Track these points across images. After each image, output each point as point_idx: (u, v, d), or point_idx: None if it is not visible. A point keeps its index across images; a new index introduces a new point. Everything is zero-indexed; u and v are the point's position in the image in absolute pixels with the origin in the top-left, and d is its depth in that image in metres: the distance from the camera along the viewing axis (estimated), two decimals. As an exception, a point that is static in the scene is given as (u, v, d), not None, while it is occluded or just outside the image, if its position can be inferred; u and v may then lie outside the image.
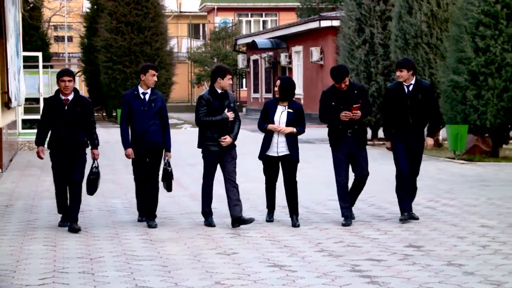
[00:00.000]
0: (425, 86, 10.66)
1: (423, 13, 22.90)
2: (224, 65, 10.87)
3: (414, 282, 7.42)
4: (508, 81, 18.71)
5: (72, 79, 10.10)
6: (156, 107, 10.39)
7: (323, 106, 10.47)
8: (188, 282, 7.51)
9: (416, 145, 10.55)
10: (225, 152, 10.21)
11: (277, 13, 62.58)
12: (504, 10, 18.88)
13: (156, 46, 38.02)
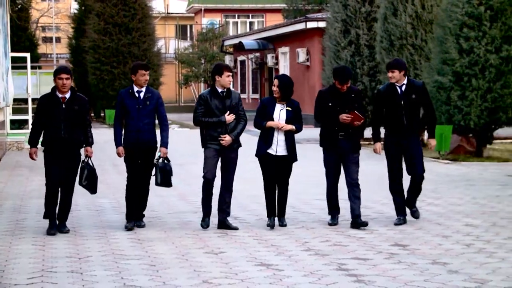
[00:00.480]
0: (417, 86, 10.41)
1: (408, 14, 22.95)
2: (222, 62, 10.88)
3: (399, 281, 7.44)
4: (491, 82, 18.78)
5: (69, 76, 9.80)
6: (151, 106, 10.16)
7: (319, 106, 10.23)
8: (176, 281, 7.51)
9: (411, 146, 10.26)
10: (226, 153, 9.97)
11: (264, 14, 62.57)
12: (487, 12, 18.95)
13: (143, 47, 38.01)
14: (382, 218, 10.84)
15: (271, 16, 60.05)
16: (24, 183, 15.44)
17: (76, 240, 9.59)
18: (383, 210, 11.51)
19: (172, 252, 8.79)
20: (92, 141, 10.06)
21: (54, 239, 9.61)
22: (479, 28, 19.03)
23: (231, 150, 9.99)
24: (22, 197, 13.45)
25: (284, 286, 7.29)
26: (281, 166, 10.12)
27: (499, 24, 18.97)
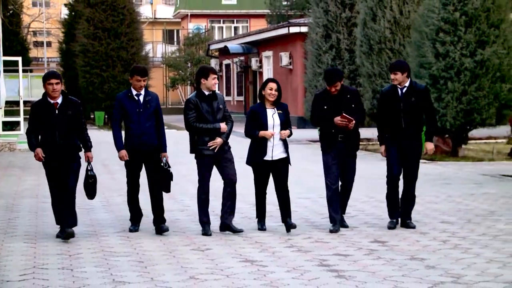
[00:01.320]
0: (419, 89, 9.89)
1: (386, 20, 23.02)
2: (207, 65, 10.20)
3: (378, 276, 7.46)
4: (466, 84, 18.86)
5: (59, 81, 9.15)
6: (152, 108, 9.63)
7: (315, 109, 9.81)
8: (163, 277, 7.50)
9: (409, 150, 9.78)
10: (220, 155, 9.42)
11: (248, 19, 62.60)
12: (462, 17, 19.03)
13: (132, 51, 37.97)
14: (362, 215, 10.86)
15: (255, 21, 60.10)
16: (16, 182, 15.37)
17: (66, 238, 9.56)
18: (363, 208, 11.54)
19: (160, 249, 8.78)
20: (91, 145, 9.48)
21: (45, 237, 9.57)
22: (455, 33, 19.11)
23: (225, 152, 9.49)
24: (14, 197, 13.39)
25: (267, 281, 7.29)
26: (278, 169, 9.62)
27: (473, 29, 19.05)
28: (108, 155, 20.00)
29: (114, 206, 12.07)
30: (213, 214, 10.09)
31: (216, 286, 7.14)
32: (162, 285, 7.20)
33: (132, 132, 9.58)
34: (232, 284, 7.20)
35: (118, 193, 13.51)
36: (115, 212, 11.48)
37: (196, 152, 9.46)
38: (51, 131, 9.14)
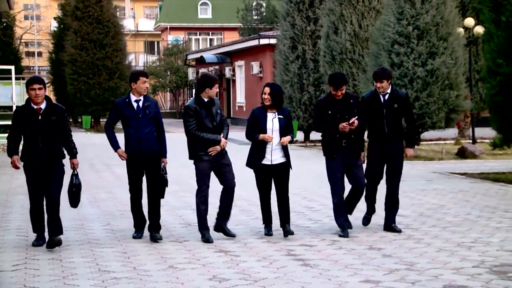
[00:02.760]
0: (401, 96, 9.21)
1: (347, 33, 23.14)
2: (211, 74, 9.11)
3: (340, 264, 7.48)
4: (418, 91, 19.01)
5: (42, 86, 8.17)
6: (151, 114, 8.69)
7: (319, 115, 8.91)
8: (145, 266, 7.46)
9: (392, 155, 9.12)
10: (218, 160, 8.59)
11: (222, 32, 62.60)
12: (415, 31, 19.20)
13: (116, 61, 37.94)
14: (325, 209, 10.88)
15: (229, 33, 60.13)
16: (9, 180, 15.23)
17: (56, 231, 9.49)
18: (326, 203, 11.55)
19: (142, 241, 8.74)
20: (76, 152, 8.48)
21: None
22: (408, 45, 19.26)
23: (223, 157, 8.64)
24: (7, 193, 13.28)
25: (240, 269, 7.28)
26: (278, 174, 8.79)
27: (424, 41, 19.22)
28: (94, 156, 19.91)
29: (100, 202, 12.00)
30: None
31: (192, 274, 7.12)
32: (143, 273, 7.17)
33: (130, 138, 8.67)
34: (208, 272, 7.18)
35: (104, 190, 13.44)
36: (101, 207, 11.41)
37: (195, 158, 8.64)
38: (34, 136, 8.16)
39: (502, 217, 10.30)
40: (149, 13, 71.80)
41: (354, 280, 6.83)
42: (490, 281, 6.78)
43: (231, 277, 6.98)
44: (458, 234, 9.03)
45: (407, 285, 6.65)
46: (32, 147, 8.20)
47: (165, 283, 6.81)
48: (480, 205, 11.35)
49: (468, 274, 7.04)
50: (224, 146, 8.59)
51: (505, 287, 6.56)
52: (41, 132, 8.15)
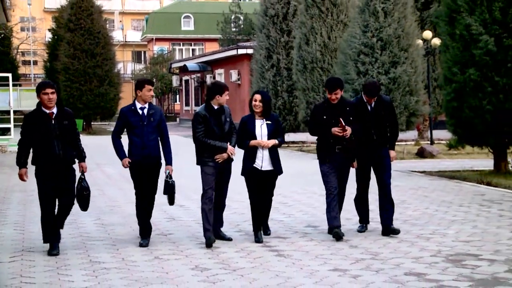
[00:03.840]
0: (386, 102, 8.60)
1: (317, 44, 23.20)
2: (221, 82, 8.53)
3: (311, 254, 7.50)
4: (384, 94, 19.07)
5: (54, 90, 7.54)
6: (155, 122, 8.08)
7: (314, 119, 8.40)
8: (132, 257, 7.44)
9: (380, 159, 8.55)
10: (223, 167, 8.07)
11: (203, 43, 62.52)
12: (378, 42, 19.27)
13: (106, 69, 37.82)
14: (298, 205, 10.90)
15: (209, 44, 60.06)
16: (7, 179, 15.09)
17: (50, 226, 9.42)
18: (299, 199, 11.59)
19: (130, 235, 8.70)
20: (85, 156, 7.90)
21: (32, 225, 9.41)
22: (372, 54, 19.34)
23: (227, 163, 8.12)
24: (5, 191, 13.16)
25: (220, 260, 7.27)
26: (266, 180, 8.26)
27: (387, 51, 19.30)
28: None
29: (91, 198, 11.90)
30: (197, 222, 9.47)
31: (176, 264, 7.10)
32: (131, 264, 7.14)
33: (135, 145, 8.04)
34: (190, 262, 7.17)
35: (95, 187, 13.34)
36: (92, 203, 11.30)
37: (202, 163, 8.08)
38: (49, 141, 7.45)
39: (457, 211, 10.38)
40: (136, 25, 71.53)
41: (324, 269, 6.85)
42: (446, 269, 6.84)
43: (212, 267, 6.97)
44: (418, 227, 9.09)
45: (372, 273, 6.69)
46: (48, 152, 7.47)
47: (151, 272, 6.79)
48: (438, 200, 11.43)
49: (427, 262, 7.09)
50: (231, 153, 8.02)
51: (459, 274, 6.62)
52: (57, 136, 7.49)
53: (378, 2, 19.25)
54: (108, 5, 62.63)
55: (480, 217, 9.82)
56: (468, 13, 14.48)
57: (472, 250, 7.68)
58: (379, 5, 19.22)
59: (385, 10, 19.29)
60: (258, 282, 6.39)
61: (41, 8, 67.83)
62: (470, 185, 13.37)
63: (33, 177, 7.72)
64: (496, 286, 6.17)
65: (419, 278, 6.47)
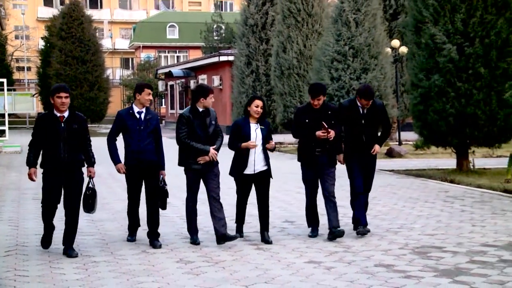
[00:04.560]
0: (378, 106, 8.18)
1: (294, 51, 23.25)
2: (206, 85, 8.09)
3: (288, 248, 7.51)
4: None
5: (68, 95, 7.14)
6: (152, 126, 7.65)
7: (296, 122, 8.01)
8: (121, 251, 7.40)
9: (369, 163, 8.23)
10: (207, 169, 7.59)
11: (188, 50, 62.38)
12: (350, 50, 19.38)
13: (96, 75, 37.64)
14: (275, 201, 10.89)
15: (193, 51, 59.94)
16: (2, 178, 14.94)
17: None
18: (275, 195, 11.58)
19: (119, 230, 8.65)
20: (94, 161, 7.37)
21: (25, 221, 9.33)
22: (345, 61, 19.43)
23: (213, 167, 7.64)
24: (0, 189, 13.01)
25: (203, 253, 7.25)
26: (260, 181, 7.84)
27: (359, 59, 19.41)
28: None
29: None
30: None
31: (162, 257, 7.07)
32: (119, 257, 7.10)
33: (131, 149, 7.60)
34: (175, 256, 7.15)
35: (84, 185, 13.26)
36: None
37: (185, 165, 7.66)
38: (56, 144, 7.05)
39: (422, 206, 10.45)
40: (124, 34, 71.18)
41: (300, 261, 6.87)
42: (412, 260, 6.88)
43: (195, 260, 6.96)
44: (387, 221, 9.13)
45: (345, 264, 6.71)
46: (54, 154, 7.06)
47: (138, 265, 6.76)
48: (405, 197, 11.50)
49: (395, 254, 7.13)
50: (213, 157, 7.53)
51: (424, 265, 6.66)
52: (63, 139, 7.06)
53: (350, 13, 19.34)
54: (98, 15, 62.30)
55: (444, 212, 9.89)
56: (432, 24, 14.59)
57: (437, 243, 7.73)
58: (351, 15, 19.32)
59: (357, 20, 19.38)
60: (238, 273, 6.38)
61: (34, 18, 67.26)
62: (435, 183, 13.46)
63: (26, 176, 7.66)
64: (458, 276, 6.22)
65: (387, 269, 6.51)
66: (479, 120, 14.38)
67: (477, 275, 6.24)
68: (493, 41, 14.25)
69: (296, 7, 23.20)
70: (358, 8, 19.37)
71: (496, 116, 14.44)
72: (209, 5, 69.26)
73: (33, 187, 13.11)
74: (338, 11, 19.63)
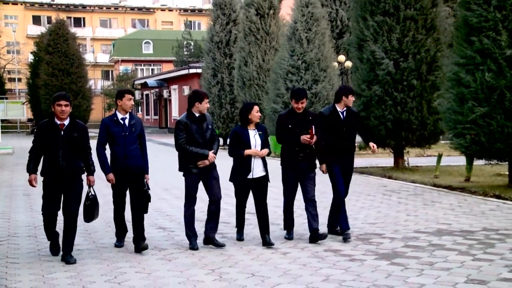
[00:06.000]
0: (355, 112, 7.61)
1: (254, 65, 23.26)
2: (201, 90, 7.19)
3: (249, 236, 7.47)
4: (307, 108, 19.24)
5: (69, 103, 6.41)
6: (137, 132, 6.86)
7: (280, 128, 7.26)
8: (102, 240, 7.30)
9: (348, 167, 7.53)
10: (206, 173, 6.86)
11: (161, 63, 61.89)
12: (303, 64, 19.46)
13: (79, 85, 37.09)
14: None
15: (166, 64, 59.51)
16: (-5, 177, 14.60)
17: (32, 214, 9.16)
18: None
19: (100, 223, 8.49)
20: (94, 169, 6.58)
21: (17, 214, 9.13)
22: (298, 74, 19.51)
23: (211, 170, 6.89)
24: (-6, 187, 12.72)
25: (175, 241, 7.19)
26: (258, 187, 7.10)
27: (310, 71, 19.51)
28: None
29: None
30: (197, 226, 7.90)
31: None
32: (100, 245, 7.00)
33: (117, 155, 6.76)
34: (155, 248, 7.06)
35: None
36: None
37: (184, 170, 6.90)
38: (55, 151, 6.33)
39: (365, 199, 10.54)
40: (105, 49, 70.28)
41: (260, 248, 6.85)
42: (357, 245, 6.94)
43: (173, 251, 6.88)
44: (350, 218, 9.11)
45: (298, 250, 6.72)
46: (52, 161, 6.34)
47: (117, 252, 6.67)
48: (350, 191, 11.37)
49: (342, 241, 7.17)
50: (212, 160, 6.82)
51: (367, 249, 6.72)
52: (62, 146, 6.33)
53: (302, 32, 19.44)
54: (81, 32, 61.54)
55: (383, 204, 10.00)
56: (373, 42, 14.77)
57: (377, 230, 7.81)
58: (303, 34, 19.43)
59: (308, 38, 19.50)
60: (206, 259, 6.32)
61: (24, 35, 65.97)
62: (376, 179, 13.60)
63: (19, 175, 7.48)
64: (395, 259, 6.30)
65: (335, 253, 6.54)
66: (413, 125, 14.65)
67: (411, 257, 6.32)
68: (423, 57, 14.52)
69: (256, 26, 23.24)
70: (309, 27, 19.49)
71: (427, 121, 14.71)
72: (179, 24, 68.91)
73: (23, 184, 12.85)
74: (292, 30, 19.72)
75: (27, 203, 9.99)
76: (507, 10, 10.85)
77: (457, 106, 11.54)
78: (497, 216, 8.72)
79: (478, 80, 11.07)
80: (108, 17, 70.34)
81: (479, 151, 11.35)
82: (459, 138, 11.51)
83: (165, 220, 8.48)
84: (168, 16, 71.53)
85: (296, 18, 19.57)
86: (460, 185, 12.09)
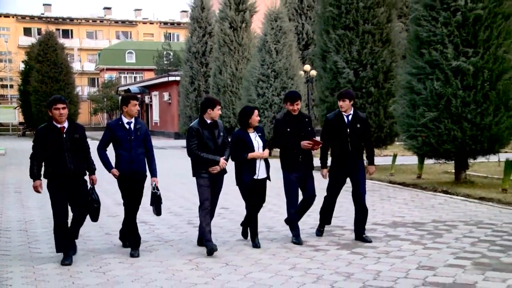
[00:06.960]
0: (361, 117, 6.87)
1: (228, 73, 23.24)
2: (213, 97, 6.76)
3: (225, 229, 7.44)
4: (275, 112, 19.33)
5: (65, 106, 5.88)
6: (142, 136, 6.29)
7: (278, 132, 6.72)
8: (89, 233, 7.20)
9: (355, 170, 6.82)
10: (217, 178, 6.38)
11: (143, 72, 61.38)
12: (272, 72, 19.52)
13: (67, 91, 36.63)
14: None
15: (147, 73, 59.04)
16: (-12, 176, 14.27)
17: (23, 210, 8.99)
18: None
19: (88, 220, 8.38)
20: (95, 168, 6.18)
21: (9, 210, 8.94)
22: (268, 81, 19.55)
23: (221, 175, 6.42)
24: (-13, 185, 12.43)
25: (154, 235, 7.12)
26: (259, 187, 6.58)
27: (279, 79, 19.57)
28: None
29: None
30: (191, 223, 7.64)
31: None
32: (87, 239, 6.91)
33: (122, 159, 6.20)
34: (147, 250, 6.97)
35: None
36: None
37: (197, 175, 6.37)
38: (61, 154, 5.81)
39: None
40: (91, 58, 69.41)
41: (233, 240, 6.84)
42: (321, 237, 6.97)
43: (153, 243, 6.81)
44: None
45: (268, 241, 6.72)
46: (60, 165, 5.81)
47: (102, 244, 6.59)
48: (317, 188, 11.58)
49: (307, 233, 7.19)
50: (223, 166, 6.34)
51: (330, 240, 6.76)
52: (67, 149, 5.83)
53: (271, 44, 19.51)
54: (69, 43, 60.72)
55: (345, 199, 10.05)
56: (335, 53, 14.90)
57: (339, 223, 7.86)
58: (272, 45, 19.50)
59: (277, 49, 19.57)
60: (184, 250, 6.28)
61: (16, 45, 64.79)
62: (338, 176, 13.66)
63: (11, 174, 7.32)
64: (355, 248, 6.35)
65: (302, 244, 6.55)
66: (371, 128, 14.77)
67: (369, 247, 6.38)
68: (380, 67, 14.70)
69: (229, 38, 23.23)
70: (278, 39, 19.57)
71: (383, 125, 14.89)
72: (160, 36, 68.49)
73: (15, 183, 12.60)
74: (262, 42, 19.77)
75: (18, 200, 9.80)
76: (452, 26, 11.08)
77: (410, 111, 11.73)
78: (445, 209, 8.87)
79: (428, 88, 11.28)
80: (94, 29, 69.52)
81: (429, 151, 11.57)
82: (412, 140, 11.71)
83: (147, 215, 8.41)
84: (149, 29, 71.05)
85: (266, 31, 19.64)
86: (412, 182, 12.26)
